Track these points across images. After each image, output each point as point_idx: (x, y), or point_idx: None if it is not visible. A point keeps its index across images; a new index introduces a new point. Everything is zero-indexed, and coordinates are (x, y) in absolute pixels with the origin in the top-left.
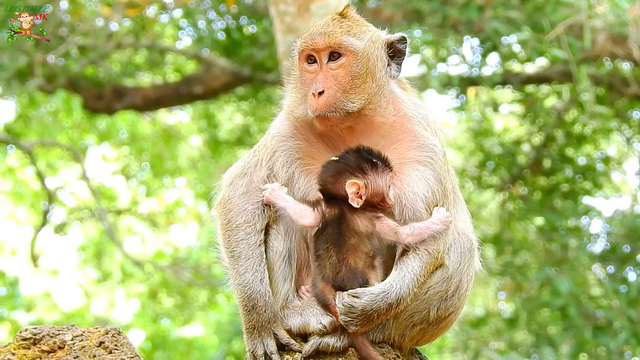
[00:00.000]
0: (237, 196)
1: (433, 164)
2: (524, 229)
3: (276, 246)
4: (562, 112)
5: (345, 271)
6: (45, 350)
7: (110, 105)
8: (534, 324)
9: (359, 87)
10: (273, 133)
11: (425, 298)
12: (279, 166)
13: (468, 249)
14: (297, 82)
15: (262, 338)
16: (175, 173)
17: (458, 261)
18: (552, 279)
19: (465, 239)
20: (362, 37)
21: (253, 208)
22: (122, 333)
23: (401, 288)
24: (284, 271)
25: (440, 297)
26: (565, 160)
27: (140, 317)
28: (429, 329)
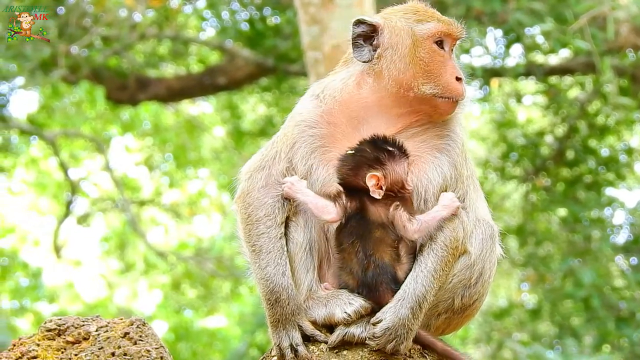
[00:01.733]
0: (257, 189)
1: (450, 150)
2: (547, 220)
3: (296, 238)
4: (585, 103)
5: (374, 267)
6: (69, 341)
7: (134, 96)
8: (557, 315)
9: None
10: (297, 120)
11: (449, 287)
12: (298, 159)
13: (490, 235)
14: (416, 60)
15: (287, 330)
16: (199, 164)
17: (480, 248)
18: (575, 270)
19: (486, 225)
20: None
21: (273, 201)
22: (147, 324)
23: (416, 289)
24: (306, 262)
25: (464, 285)
26: (588, 152)
27: (163, 308)
28: (454, 317)
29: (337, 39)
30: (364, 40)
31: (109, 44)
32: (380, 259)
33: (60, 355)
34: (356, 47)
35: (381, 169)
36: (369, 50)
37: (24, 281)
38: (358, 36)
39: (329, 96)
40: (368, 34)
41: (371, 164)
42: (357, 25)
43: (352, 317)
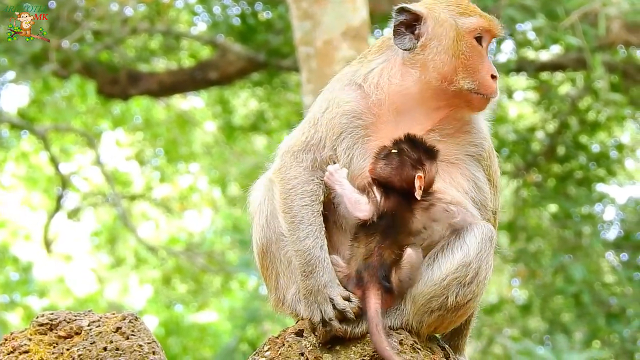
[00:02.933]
0: (302, 168)
1: (481, 160)
2: (538, 216)
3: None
4: (576, 100)
5: (376, 258)
6: (61, 336)
7: (125, 90)
8: (547, 310)
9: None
10: (345, 110)
11: (444, 284)
12: (343, 149)
13: (489, 237)
14: (458, 54)
15: (319, 304)
16: (190, 159)
17: (479, 248)
18: (566, 266)
19: (487, 227)
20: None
21: (318, 181)
22: (139, 319)
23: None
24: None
25: (458, 283)
26: (579, 148)
27: (153, 303)
28: (448, 315)
29: (329, 34)
30: (406, 28)
31: (100, 38)
32: (387, 256)
33: (52, 349)
34: (397, 35)
35: (422, 170)
36: (410, 39)
37: (14, 275)
38: (400, 24)
39: (375, 86)
40: (410, 22)
41: (415, 164)
42: (400, 13)
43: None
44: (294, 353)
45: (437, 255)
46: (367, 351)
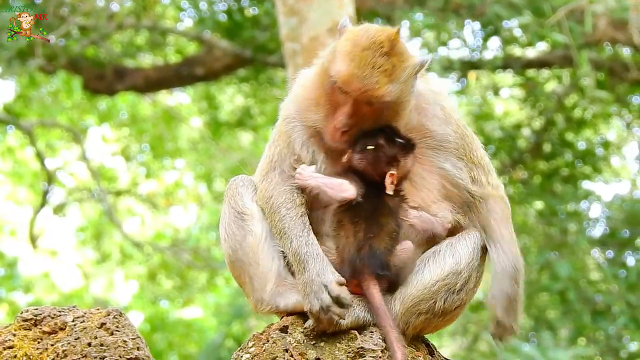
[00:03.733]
0: (273, 185)
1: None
2: (523, 213)
3: (255, 230)
4: (563, 97)
5: (368, 250)
6: (46, 332)
7: (111, 86)
8: (533, 308)
9: (383, 122)
10: (283, 116)
11: (434, 289)
12: (298, 148)
13: (482, 246)
14: (322, 94)
15: (316, 293)
16: (176, 154)
17: (470, 257)
18: (552, 263)
19: (479, 237)
20: (401, 81)
21: (290, 188)
22: (124, 314)
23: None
24: (270, 251)
25: (448, 289)
26: (565, 145)
27: (139, 299)
28: (434, 320)
29: (315, 31)
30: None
31: (86, 33)
32: (377, 244)
33: (36, 345)
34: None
35: (396, 166)
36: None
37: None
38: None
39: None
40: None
41: (389, 161)
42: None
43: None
44: (278, 349)
45: (428, 260)
46: (351, 347)
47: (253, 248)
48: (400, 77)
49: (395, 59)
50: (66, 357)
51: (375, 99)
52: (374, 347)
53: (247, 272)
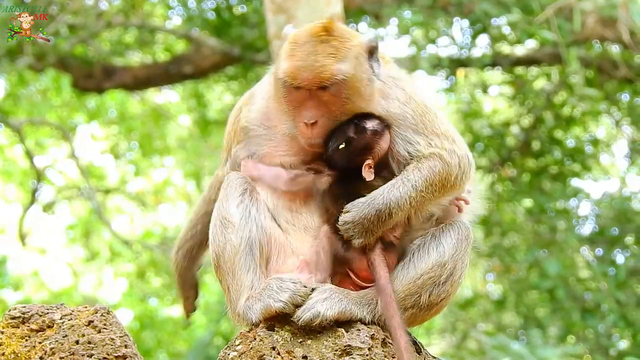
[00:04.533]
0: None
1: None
2: (512, 211)
3: (232, 240)
4: (552, 94)
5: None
6: (34, 329)
7: (100, 84)
8: (522, 305)
9: (350, 108)
10: (242, 123)
11: (419, 282)
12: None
13: (465, 236)
14: (281, 100)
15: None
16: (164, 152)
17: (454, 248)
18: (541, 261)
19: (464, 226)
20: (348, 58)
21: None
22: (111, 312)
23: (390, 193)
24: (245, 262)
25: (433, 282)
26: (554, 142)
27: (128, 297)
28: (420, 313)
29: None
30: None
31: (75, 32)
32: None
33: (24, 342)
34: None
35: (371, 155)
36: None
37: None
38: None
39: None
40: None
41: (364, 152)
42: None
43: (287, 305)
44: (266, 347)
45: (413, 254)
46: (338, 345)
47: (231, 258)
48: (347, 55)
49: (336, 42)
50: (54, 355)
51: (327, 81)
52: (360, 345)
53: (226, 280)
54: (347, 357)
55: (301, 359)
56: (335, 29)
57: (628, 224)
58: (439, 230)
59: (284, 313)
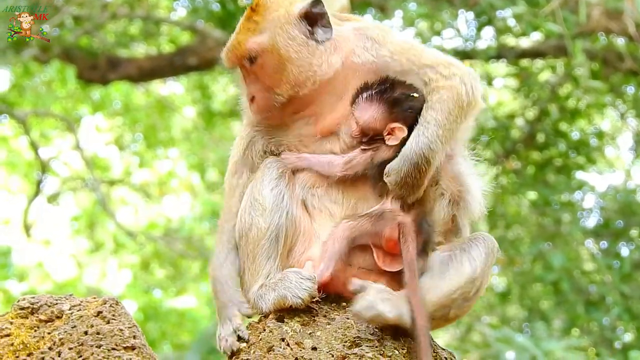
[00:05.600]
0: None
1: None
2: (517, 203)
3: (260, 223)
4: (556, 87)
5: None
6: (42, 320)
7: (105, 75)
8: (526, 298)
9: (280, 79)
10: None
11: (453, 297)
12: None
13: (492, 250)
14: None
15: (222, 323)
16: (169, 144)
17: (484, 262)
18: (545, 254)
19: (490, 240)
20: (268, 30)
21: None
22: (120, 303)
23: (417, 144)
24: (268, 250)
25: (464, 298)
26: (559, 135)
27: (132, 288)
28: (442, 324)
29: None
30: None
31: (80, 23)
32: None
33: (33, 333)
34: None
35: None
36: None
37: None
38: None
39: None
40: None
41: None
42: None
43: (305, 302)
44: (275, 338)
45: (446, 265)
46: (348, 337)
47: (255, 241)
48: (266, 27)
49: (258, 17)
50: (63, 345)
51: (243, 56)
52: (370, 337)
53: (243, 262)
54: (357, 348)
55: (310, 350)
56: (261, 4)
57: (633, 216)
58: (468, 244)
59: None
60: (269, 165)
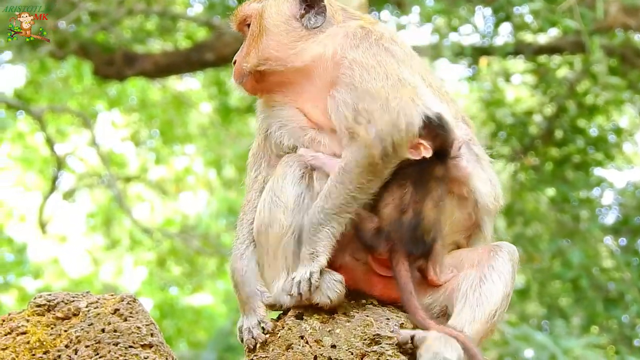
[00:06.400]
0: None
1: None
2: (535, 200)
3: (282, 220)
4: (574, 83)
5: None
6: (59, 317)
7: (121, 71)
8: (545, 295)
9: (253, 48)
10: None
11: (494, 320)
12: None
13: (516, 260)
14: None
15: (246, 315)
16: (185, 140)
17: (512, 273)
18: (564, 251)
19: (512, 248)
20: (267, 2)
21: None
22: (137, 300)
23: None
24: (291, 246)
25: (501, 314)
26: (577, 131)
27: (148, 285)
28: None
29: None
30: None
31: (96, 19)
32: (424, 211)
33: (49, 331)
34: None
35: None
36: None
37: (9, 256)
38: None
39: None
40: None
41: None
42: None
43: (332, 302)
44: (294, 336)
45: (479, 290)
46: (367, 334)
47: (276, 239)
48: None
49: None
50: (80, 343)
51: (244, 16)
52: (390, 334)
53: (264, 258)
54: (376, 346)
55: (330, 348)
56: None
57: None
58: (492, 256)
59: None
60: (290, 163)
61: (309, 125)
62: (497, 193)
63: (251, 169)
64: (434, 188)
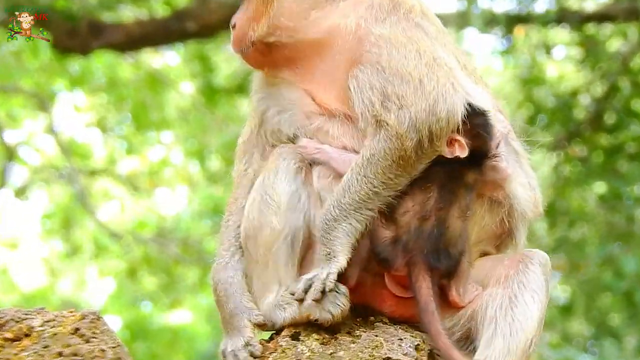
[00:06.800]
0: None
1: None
2: (581, 197)
3: (274, 223)
4: (628, 57)
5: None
6: (8, 338)
7: (85, 43)
8: (592, 311)
9: (262, 13)
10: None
11: (530, 350)
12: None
13: (549, 270)
14: None
15: (230, 336)
16: (162, 126)
17: (545, 289)
18: (615, 257)
19: (544, 257)
20: None
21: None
22: (102, 318)
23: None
24: (284, 254)
25: (537, 340)
26: (632, 115)
27: (116, 300)
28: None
29: None
30: None
31: None
32: (449, 220)
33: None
34: None
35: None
36: None
37: None
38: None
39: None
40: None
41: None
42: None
43: (335, 319)
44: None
45: (511, 314)
46: (376, 357)
47: (267, 244)
48: None
49: None
50: None
51: None
52: (402, 357)
53: (252, 268)
54: None
55: None
56: None
57: None
58: (524, 272)
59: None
60: (284, 156)
61: (316, 111)
62: (537, 198)
63: (240, 161)
64: (463, 196)
